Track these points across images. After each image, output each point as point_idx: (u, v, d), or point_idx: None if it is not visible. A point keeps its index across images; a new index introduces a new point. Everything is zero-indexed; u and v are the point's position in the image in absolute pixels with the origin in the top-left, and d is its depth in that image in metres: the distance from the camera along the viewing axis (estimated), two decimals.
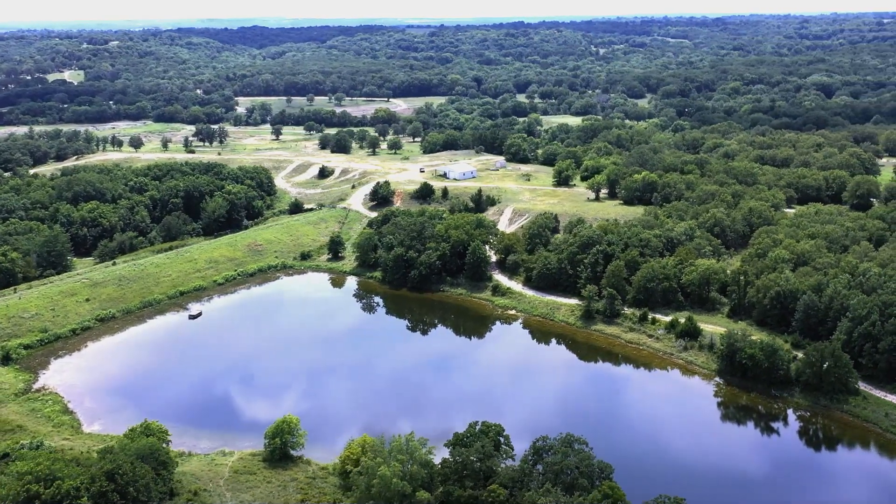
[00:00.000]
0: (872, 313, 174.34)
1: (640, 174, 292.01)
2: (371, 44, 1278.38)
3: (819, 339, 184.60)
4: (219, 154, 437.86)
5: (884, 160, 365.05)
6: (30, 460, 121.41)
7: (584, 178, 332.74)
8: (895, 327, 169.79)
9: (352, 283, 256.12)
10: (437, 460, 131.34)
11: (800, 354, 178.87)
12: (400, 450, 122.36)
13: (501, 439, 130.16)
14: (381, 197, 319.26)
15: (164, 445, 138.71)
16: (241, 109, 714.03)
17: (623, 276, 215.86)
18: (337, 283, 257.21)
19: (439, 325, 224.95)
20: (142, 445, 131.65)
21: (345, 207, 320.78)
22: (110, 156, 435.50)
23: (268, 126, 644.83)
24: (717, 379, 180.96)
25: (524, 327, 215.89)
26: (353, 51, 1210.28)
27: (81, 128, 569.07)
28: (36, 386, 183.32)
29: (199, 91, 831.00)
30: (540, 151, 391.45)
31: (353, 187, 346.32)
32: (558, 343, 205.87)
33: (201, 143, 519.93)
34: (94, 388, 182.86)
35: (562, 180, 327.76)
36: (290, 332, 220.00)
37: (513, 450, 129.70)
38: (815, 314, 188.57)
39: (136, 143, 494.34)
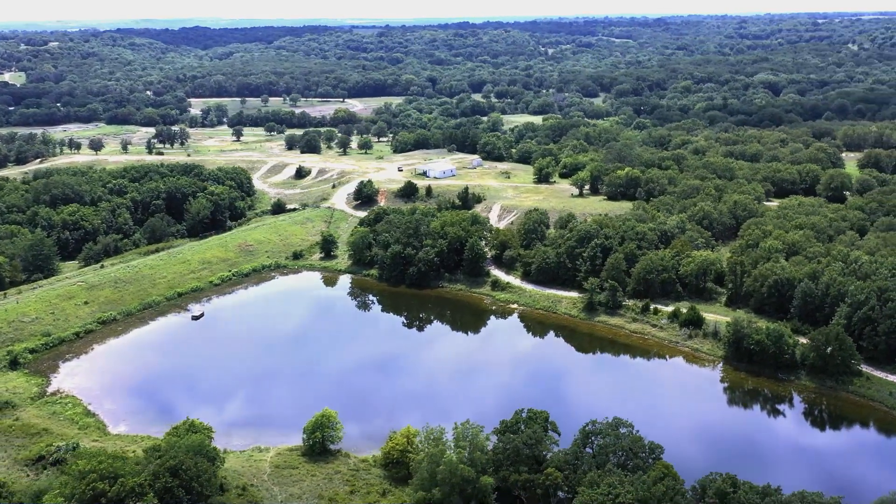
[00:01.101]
0: (871, 298, 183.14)
1: (622, 170, 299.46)
2: (320, 44, 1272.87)
3: (817, 324, 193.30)
4: (188, 155, 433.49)
5: (843, 154, 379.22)
6: (91, 459, 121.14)
7: (562, 175, 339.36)
8: (893, 311, 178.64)
9: (348, 281, 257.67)
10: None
11: (801, 339, 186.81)
12: (460, 436, 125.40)
13: (548, 425, 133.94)
14: (365, 196, 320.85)
15: (208, 442, 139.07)
16: (195, 111, 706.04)
17: (622, 269, 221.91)
18: (333, 281, 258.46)
19: (445, 321, 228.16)
20: (191, 442, 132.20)
21: (329, 207, 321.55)
22: (76, 158, 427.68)
23: (225, 127, 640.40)
24: (724, 365, 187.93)
25: (529, 320, 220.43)
26: (302, 51, 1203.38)
27: (31, 131, 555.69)
28: (50, 390, 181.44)
29: (148, 93, 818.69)
30: (514, 150, 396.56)
31: (334, 187, 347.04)
32: (566, 334, 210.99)
33: (162, 145, 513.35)
34: (111, 390, 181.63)
35: (542, 177, 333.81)
36: (296, 330, 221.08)
37: (559, 435, 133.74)
38: (812, 301, 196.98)
39: (97, 146, 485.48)
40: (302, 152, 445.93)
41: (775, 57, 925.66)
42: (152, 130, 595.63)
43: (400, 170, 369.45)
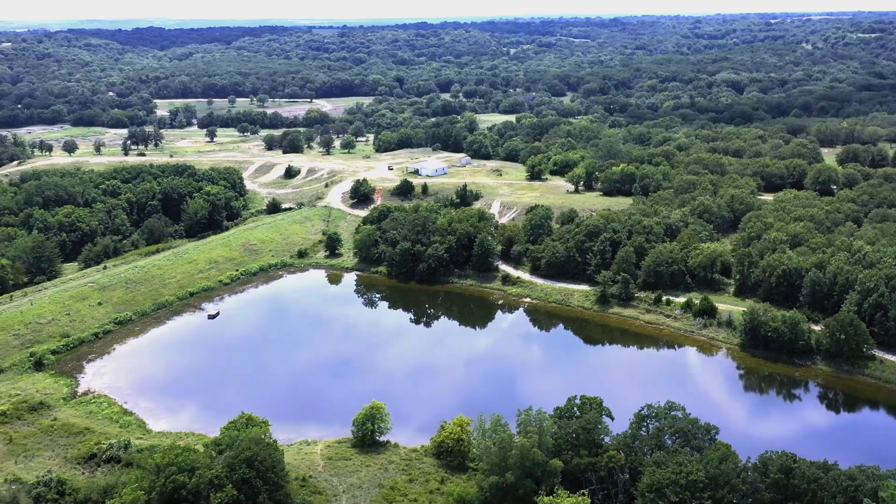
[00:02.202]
0: (880, 285, 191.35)
1: (618, 166, 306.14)
2: (281, 44, 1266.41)
3: (825, 311, 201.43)
4: (171, 156, 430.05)
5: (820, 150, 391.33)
6: (167, 452, 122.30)
7: (553, 172, 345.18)
8: None
9: (356, 278, 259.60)
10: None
11: (812, 326, 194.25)
12: (527, 422, 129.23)
13: (602, 410, 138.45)
14: (361, 194, 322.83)
15: (269, 434, 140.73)
16: (162, 112, 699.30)
17: (632, 262, 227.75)
18: (342, 279, 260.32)
19: (462, 315, 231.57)
20: (253, 435, 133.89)
21: (326, 206, 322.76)
22: (56, 160, 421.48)
23: (196, 128, 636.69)
24: (741, 352, 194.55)
25: (543, 313, 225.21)
26: (263, 52, 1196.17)
27: None
28: (80, 390, 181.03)
29: (111, 94, 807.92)
30: (500, 148, 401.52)
31: (327, 186, 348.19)
32: (583, 326, 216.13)
33: (136, 146, 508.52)
34: (142, 389, 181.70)
35: (534, 174, 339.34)
36: (315, 326, 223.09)
37: (613, 419, 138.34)
38: (820, 289, 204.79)
39: (70, 148, 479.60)
40: (284, 152, 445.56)
41: (734, 56, 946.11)
42: (123, 132, 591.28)
43: (390, 168, 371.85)
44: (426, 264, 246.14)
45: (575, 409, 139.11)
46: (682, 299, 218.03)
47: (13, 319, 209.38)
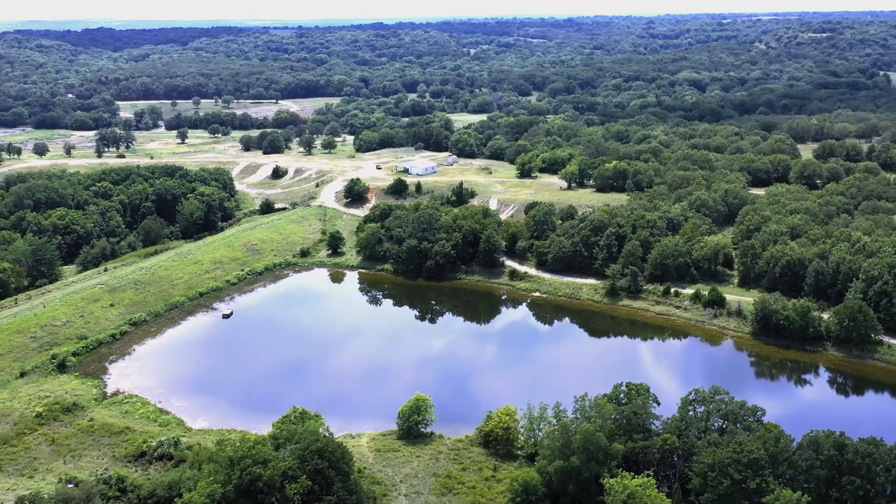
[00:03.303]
0: (883, 273, 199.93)
1: (610, 163, 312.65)
2: (239, 45, 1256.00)
3: (828, 300, 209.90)
4: (151, 158, 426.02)
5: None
6: (240, 446, 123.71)
7: (542, 170, 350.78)
8: None
9: (363, 277, 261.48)
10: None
11: (822, 315, 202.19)
12: (586, 408, 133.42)
13: (649, 396, 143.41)
14: (356, 193, 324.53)
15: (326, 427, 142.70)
16: (126, 114, 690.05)
17: (639, 255, 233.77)
18: (348, 277, 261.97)
19: (474, 310, 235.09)
20: (312, 429, 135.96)
21: (320, 205, 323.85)
22: (33, 163, 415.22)
23: (163, 130, 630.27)
24: (753, 340, 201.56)
25: (555, 307, 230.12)
26: (222, 52, 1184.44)
27: None
28: (109, 391, 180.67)
29: (70, 96, 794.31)
30: (486, 147, 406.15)
31: (318, 186, 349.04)
32: (595, 319, 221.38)
33: (106, 148, 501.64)
34: (171, 388, 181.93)
35: (524, 172, 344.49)
36: (332, 323, 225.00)
37: (659, 405, 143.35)
38: (823, 279, 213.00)
39: (41, 151, 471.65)
40: (265, 153, 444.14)
41: (693, 56, 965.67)
42: (89, 134, 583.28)
43: (378, 168, 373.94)
44: (433, 261, 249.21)
45: (622, 395, 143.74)
46: (689, 291, 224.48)
47: (28, 322, 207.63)
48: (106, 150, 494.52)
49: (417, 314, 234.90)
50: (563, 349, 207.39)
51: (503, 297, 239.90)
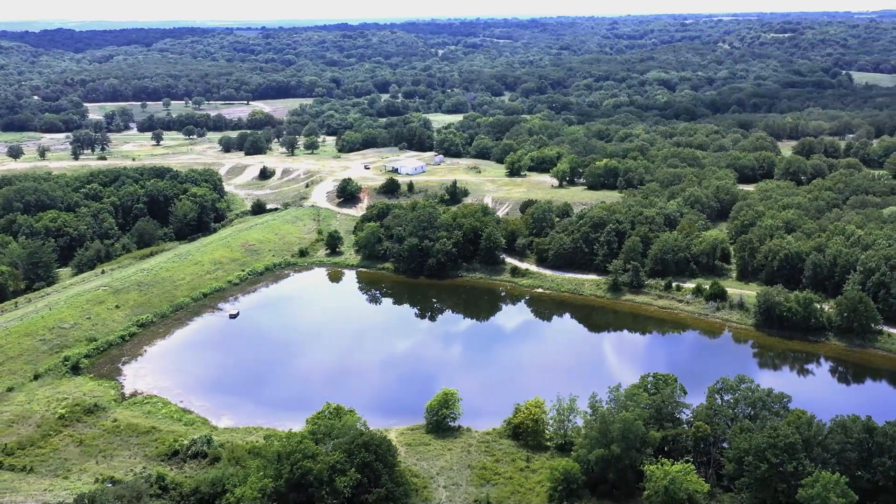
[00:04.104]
0: (881, 265, 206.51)
1: (601, 161, 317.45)
2: (204, 46, 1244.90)
3: (826, 292, 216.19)
4: (133, 160, 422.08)
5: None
6: (287, 440, 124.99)
7: (530, 169, 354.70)
8: None
9: (364, 275, 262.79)
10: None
11: (824, 306, 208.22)
12: (621, 398, 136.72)
13: (677, 386, 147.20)
14: (348, 193, 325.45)
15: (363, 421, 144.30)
16: (96, 116, 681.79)
17: (639, 251, 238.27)
18: (349, 276, 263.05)
19: (479, 307, 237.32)
20: (350, 423, 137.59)
21: (313, 205, 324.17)
22: (12, 165, 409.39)
23: (134, 132, 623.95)
24: (757, 332, 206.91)
25: (559, 303, 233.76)
26: (188, 54, 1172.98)
27: None
28: (127, 392, 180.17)
29: (36, 97, 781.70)
30: (471, 147, 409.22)
31: (308, 186, 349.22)
32: (600, 314, 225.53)
33: (81, 151, 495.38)
34: (190, 388, 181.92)
35: (513, 171, 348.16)
36: (340, 321, 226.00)
37: (686, 394, 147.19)
38: (821, 271, 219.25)
39: (16, 153, 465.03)
40: (247, 154, 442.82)
41: (660, 56, 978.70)
42: (59, 136, 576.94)
43: (367, 168, 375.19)
44: (435, 259, 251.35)
45: (649, 385, 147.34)
46: (689, 285, 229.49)
47: (36, 325, 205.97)
48: (81, 152, 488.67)
49: (424, 312, 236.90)
50: (573, 343, 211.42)
51: (502, 294, 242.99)
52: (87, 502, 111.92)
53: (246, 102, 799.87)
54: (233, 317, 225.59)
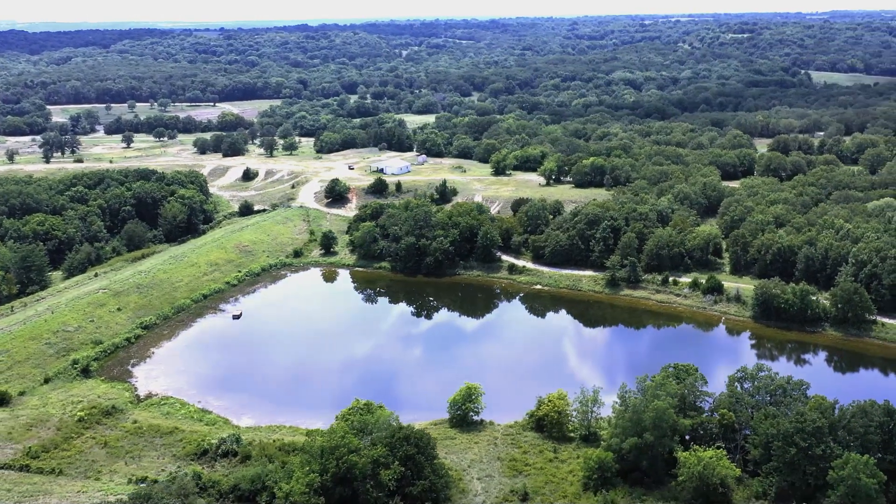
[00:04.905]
0: (873, 257, 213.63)
1: (587, 160, 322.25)
2: (165, 47, 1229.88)
3: (818, 284, 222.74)
4: (111, 162, 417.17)
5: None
6: (331, 436, 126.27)
7: (515, 168, 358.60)
8: (893, 266, 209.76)
9: (360, 274, 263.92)
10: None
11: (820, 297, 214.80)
12: (650, 388, 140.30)
13: (698, 376, 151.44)
14: (336, 193, 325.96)
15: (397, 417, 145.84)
16: (60, 118, 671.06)
17: (634, 247, 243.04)
18: (346, 276, 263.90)
19: (482, 305, 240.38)
20: (385, 418, 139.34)
21: (301, 206, 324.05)
22: None
23: (101, 134, 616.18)
24: (755, 323, 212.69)
25: (559, 299, 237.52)
26: (148, 55, 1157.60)
27: None
28: (142, 394, 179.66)
29: None
30: (452, 146, 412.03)
31: (294, 187, 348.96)
32: (601, 309, 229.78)
33: (54, 154, 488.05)
34: (204, 389, 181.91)
35: (499, 170, 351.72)
36: (342, 321, 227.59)
37: (707, 384, 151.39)
38: (813, 264, 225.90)
39: None
40: (224, 155, 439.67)
41: (623, 56, 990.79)
42: (25, 139, 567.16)
43: (351, 168, 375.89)
44: (433, 258, 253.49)
45: (670, 377, 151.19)
46: (685, 279, 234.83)
47: (40, 328, 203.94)
48: (52, 155, 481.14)
49: (427, 310, 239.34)
50: (579, 337, 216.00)
51: (497, 292, 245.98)
52: (144, 500, 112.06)
53: (213, 104, 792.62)
54: (236, 318, 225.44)
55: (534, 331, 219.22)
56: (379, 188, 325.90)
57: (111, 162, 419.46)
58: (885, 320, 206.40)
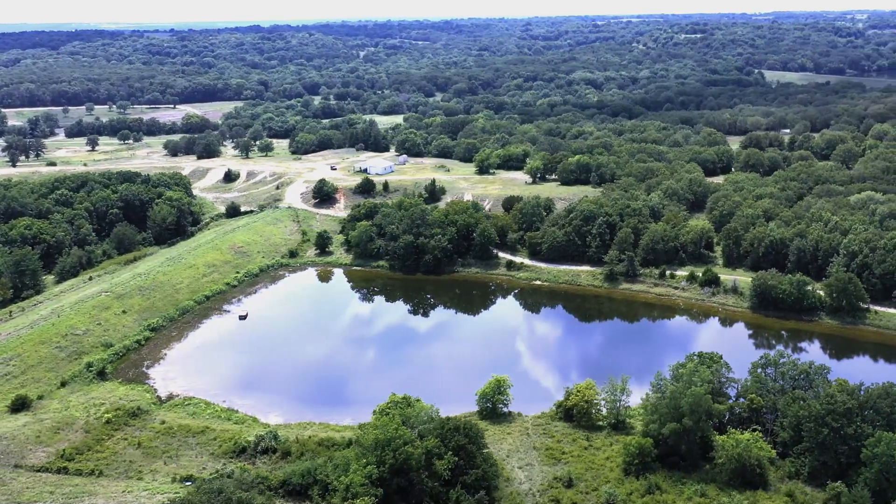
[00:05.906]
0: (863, 248, 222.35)
1: (573, 158, 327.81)
2: (117, 49, 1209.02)
3: (810, 275, 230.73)
4: (84, 165, 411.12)
5: None
6: (383, 429, 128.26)
7: (498, 166, 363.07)
8: (882, 257, 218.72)
9: (359, 274, 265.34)
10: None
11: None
12: (684, 375, 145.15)
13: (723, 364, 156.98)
14: (324, 194, 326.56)
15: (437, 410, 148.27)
16: (16, 122, 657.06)
17: (630, 241, 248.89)
18: (344, 275, 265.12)
19: (482, 301, 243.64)
20: (425, 411, 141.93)
21: (289, 207, 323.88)
22: None
23: (62, 137, 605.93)
24: (753, 313, 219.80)
25: (560, 294, 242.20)
26: (101, 56, 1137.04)
27: None
28: (163, 395, 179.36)
29: None
30: (432, 146, 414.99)
31: (279, 188, 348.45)
32: (602, 303, 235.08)
33: (20, 158, 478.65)
34: (225, 388, 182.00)
35: (482, 169, 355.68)
36: (346, 319, 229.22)
37: (731, 371, 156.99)
38: (805, 256, 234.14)
39: None
40: (199, 157, 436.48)
41: (581, 56, 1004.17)
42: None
43: (333, 168, 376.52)
44: (431, 256, 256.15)
45: (695, 365, 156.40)
46: (680, 272, 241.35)
47: (48, 332, 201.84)
48: (17, 158, 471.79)
49: (428, 307, 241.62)
50: (586, 330, 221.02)
51: (492, 287, 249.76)
52: (216, 494, 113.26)
53: (173, 106, 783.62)
54: (242, 318, 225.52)
55: (539, 325, 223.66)
56: (366, 188, 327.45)
57: (85, 165, 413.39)
58: (878, 308, 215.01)
